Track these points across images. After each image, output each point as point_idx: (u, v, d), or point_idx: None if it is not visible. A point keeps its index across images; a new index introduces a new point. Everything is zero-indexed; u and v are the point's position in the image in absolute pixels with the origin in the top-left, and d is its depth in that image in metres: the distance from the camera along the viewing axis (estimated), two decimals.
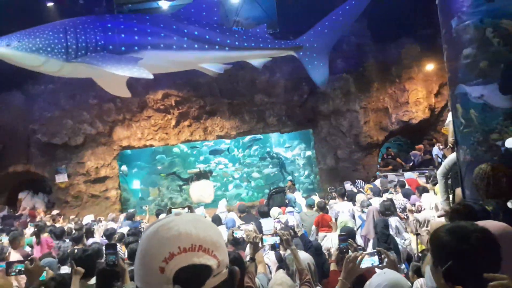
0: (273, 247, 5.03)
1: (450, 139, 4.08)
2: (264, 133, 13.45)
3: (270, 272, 4.36)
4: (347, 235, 3.35)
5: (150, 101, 12.29)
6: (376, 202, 7.07)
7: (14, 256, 5.11)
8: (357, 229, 6.60)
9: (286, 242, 3.59)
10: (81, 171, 12.17)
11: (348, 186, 9.68)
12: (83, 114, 12.14)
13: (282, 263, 4.30)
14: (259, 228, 5.93)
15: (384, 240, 5.20)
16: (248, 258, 3.34)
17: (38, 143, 12.04)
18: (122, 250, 5.73)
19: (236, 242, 4.53)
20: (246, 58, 10.26)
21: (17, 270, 2.84)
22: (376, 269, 2.75)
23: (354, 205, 7.62)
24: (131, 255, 4.67)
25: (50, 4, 10.39)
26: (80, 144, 12.16)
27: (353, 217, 7.06)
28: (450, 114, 3.87)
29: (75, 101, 12.09)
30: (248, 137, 15.37)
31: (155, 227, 0.86)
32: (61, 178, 11.95)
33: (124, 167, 13.89)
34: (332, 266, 3.53)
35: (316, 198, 8.25)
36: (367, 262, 2.68)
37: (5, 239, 6.40)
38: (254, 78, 12.38)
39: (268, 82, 12.46)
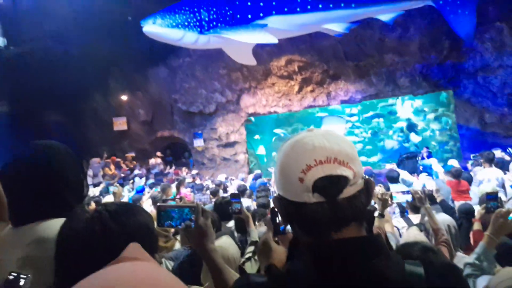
0: (403, 213, 4.70)
1: None
2: (393, 95, 12.42)
3: (400, 235, 4.10)
4: (497, 194, 2.88)
5: (274, 68, 12.54)
6: None
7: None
8: (508, 200, 5.66)
9: (419, 200, 3.35)
10: (214, 136, 13.38)
11: (498, 153, 8.27)
12: (214, 84, 13.16)
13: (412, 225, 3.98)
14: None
15: None
16: (376, 214, 3.19)
17: (179, 111, 13.62)
18: (253, 205, 6.14)
19: None
20: (375, 14, 9.49)
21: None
22: None
23: (505, 173, 6.52)
24: (260, 207, 5.04)
25: None
26: (212, 111, 13.29)
27: (503, 187, 6.05)
28: None
29: (208, 72, 13.15)
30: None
31: (291, 143, 0.90)
32: (198, 143, 13.38)
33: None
34: (476, 226, 3.09)
35: (455, 163, 7.31)
36: None
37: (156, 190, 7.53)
38: (384, 37, 11.38)
39: (400, 40, 11.31)
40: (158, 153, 13.60)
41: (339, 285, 0.81)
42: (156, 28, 9.32)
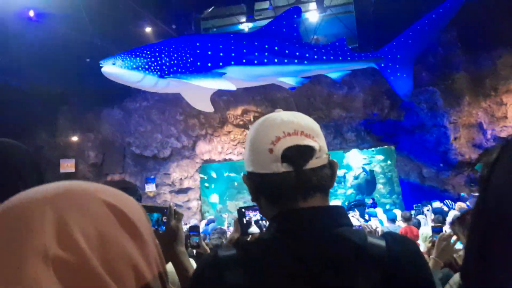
0: None
1: None
2: (341, 149, 13.16)
3: None
4: (441, 227, 3.13)
5: (230, 117, 12.89)
6: None
7: None
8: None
9: (370, 234, 3.49)
10: (167, 182, 13.08)
11: (437, 204, 8.93)
12: (171, 129, 13.16)
13: None
14: None
15: None
16: None
17: (132, 154, 13.30)
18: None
19: None
20: (325, 71, 10.31)
21: None
22: None
23: (444, 224, 7.01)
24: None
25: (148, 29, 11.68)
26: (167, 156, 13.13)
27: None
28: None
29: (165, 117, 13.18)
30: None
31: (260, 120, 0.99)
32: (150, 188, 12.97)
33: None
34: None
35: (398, 212, 7.75)
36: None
37: None
38: (332, 93, 12.32)
39: (346, 97, 12.29)
40: None
41: (306, 249, 0.84)
42: (116, 69, 9.34)
